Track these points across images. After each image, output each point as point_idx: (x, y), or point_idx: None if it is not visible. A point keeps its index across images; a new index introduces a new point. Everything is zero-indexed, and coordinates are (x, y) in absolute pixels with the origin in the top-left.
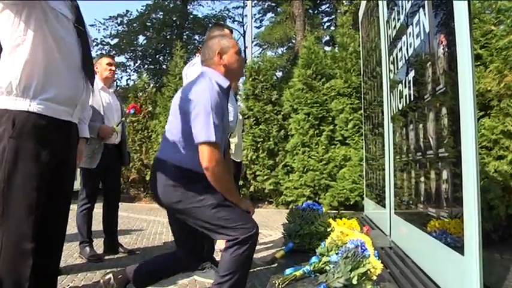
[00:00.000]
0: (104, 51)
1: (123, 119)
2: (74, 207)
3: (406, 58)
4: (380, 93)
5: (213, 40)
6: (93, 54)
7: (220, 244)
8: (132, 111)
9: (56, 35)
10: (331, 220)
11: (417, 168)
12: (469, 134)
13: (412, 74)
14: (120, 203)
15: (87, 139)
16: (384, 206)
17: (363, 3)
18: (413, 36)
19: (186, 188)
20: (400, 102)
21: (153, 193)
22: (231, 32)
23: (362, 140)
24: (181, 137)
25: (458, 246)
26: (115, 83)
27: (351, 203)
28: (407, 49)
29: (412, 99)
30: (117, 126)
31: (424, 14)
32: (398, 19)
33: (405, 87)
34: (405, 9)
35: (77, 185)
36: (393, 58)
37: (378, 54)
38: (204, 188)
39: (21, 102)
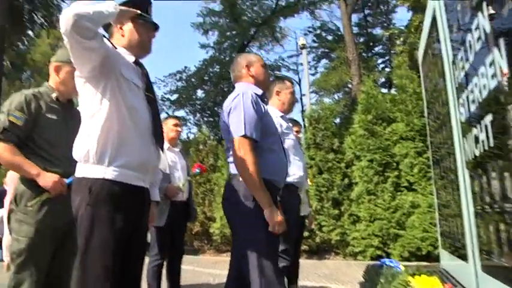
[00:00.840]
0: (164, 107)
1: (189, 177)
2: None
3: (480, 101)
4: (449, 137)
5: (240, 57)
6: None
7: None
8: (197, 170)
9: (129, 103)
10: (410, 278)
11: (507, 219)
12: None
13: (489, 117)
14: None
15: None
16: (463, 258)
17: (422, 43)
18: (486, 77)
19: (242, 204)
20: (476, 148)
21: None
22: (292, 84)
23: (430, 185)
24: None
25: None
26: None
27: (423, 253)
28: (480, 91)
29: (491, 145)
30: (183, 185)
31: (500, 54)
32: (467, 59)
33: (481, 131)
34: (474, 49)
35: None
36: (463, 101)
37: (443, 96)
38: (261, 216)
39: (96, 170)
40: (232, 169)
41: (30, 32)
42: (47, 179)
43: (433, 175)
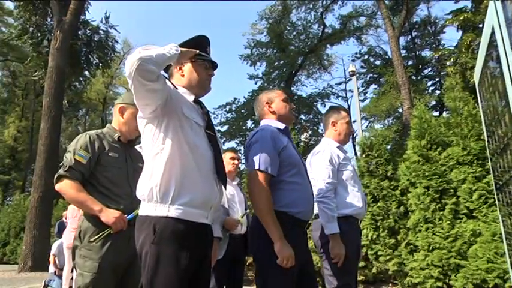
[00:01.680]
0: None
1: (248, 210)
2: None
3: None
4: None
5: (261, 95)
6: None
7: None
8: None
9: (191, 142)
10: None
11: None
12: None
13: None
14: None
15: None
16: None
17: (479, 62)
18: None
19: (261, 237)
20: None
21: None
22: (347, 113)
23: (493, 212)
24: None
25: None
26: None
27: (490, 286)
28: None
29: None
30: (242, 217)
31: None
32: None
33: None
34: None
35: None
36: None
37: (508, 119)
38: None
39: (160, 208)
40: None
41: (86, 72)
42: (109, 215)
43: (496, 202)
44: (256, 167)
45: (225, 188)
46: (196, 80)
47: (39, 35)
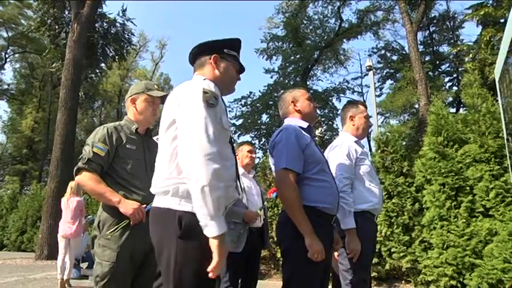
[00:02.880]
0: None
1: (265, 203)
2: None
3: None
4: None
5: (285, 93)
6: None
7: None
8: (273, 195)
9: (222, 153)
10: None
11: None
12: None
13: None
14: None
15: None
16: None
17: (501, 58)
18: None
19: (285, 235)
20: None
21: None
22: (366, 108)
23: (510, 211)
24: None
25: None
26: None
27: (506, 286)
28: None
29: None
30: (260, 210)
31: None
32: None
33: None
34: None
35: None
36: None
37: None
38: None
39: (184, 203)
40: None
41: (102, 65)
42: (128, 206)
43: None
44: (283, 165)
45: (240, 186)
46: (227, 79)
47: (57, 27)
